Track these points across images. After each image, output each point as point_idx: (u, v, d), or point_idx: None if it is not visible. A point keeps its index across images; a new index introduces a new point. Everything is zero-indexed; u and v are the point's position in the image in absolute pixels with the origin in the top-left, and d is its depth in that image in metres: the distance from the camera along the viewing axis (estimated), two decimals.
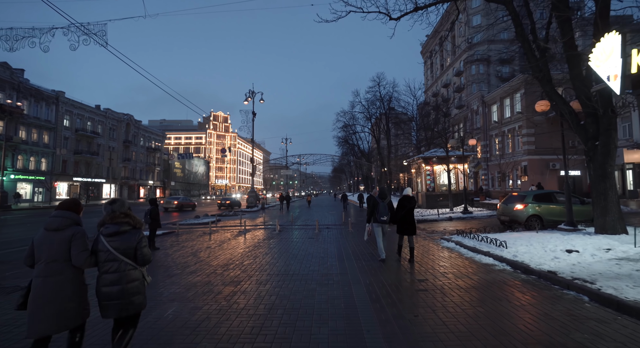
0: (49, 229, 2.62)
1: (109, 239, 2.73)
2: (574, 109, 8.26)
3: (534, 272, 5.34)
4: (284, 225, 15.20)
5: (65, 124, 46.74)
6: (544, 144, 29.04)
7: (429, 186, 19.53)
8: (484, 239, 7.84)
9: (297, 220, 17.90)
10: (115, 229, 2.75)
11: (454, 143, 17.53)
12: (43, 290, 2.50)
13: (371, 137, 59.79)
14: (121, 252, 2.72)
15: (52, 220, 2.65)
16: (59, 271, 2.56)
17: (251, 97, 29.89)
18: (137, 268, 2.79)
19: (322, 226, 14.05)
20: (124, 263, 2.71)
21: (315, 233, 11.81)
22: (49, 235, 2.61)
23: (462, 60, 56.79)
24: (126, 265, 2.72)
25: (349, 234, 11.51)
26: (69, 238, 2.60)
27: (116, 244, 2.72)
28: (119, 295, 2.67)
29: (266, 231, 12.81)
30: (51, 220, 2.65)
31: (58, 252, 2.57)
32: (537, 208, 10.61)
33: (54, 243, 2.57)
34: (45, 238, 2.59)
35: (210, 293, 4.93)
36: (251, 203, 28.43)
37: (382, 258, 6.82)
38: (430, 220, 15.10)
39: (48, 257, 2.55)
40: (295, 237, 10.96)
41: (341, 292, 4.85)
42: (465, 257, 7.22)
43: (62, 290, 2.54)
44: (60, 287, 2.54)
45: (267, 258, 7.48)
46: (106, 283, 2.68)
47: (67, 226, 2.65)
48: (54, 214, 2.70)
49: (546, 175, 28.54)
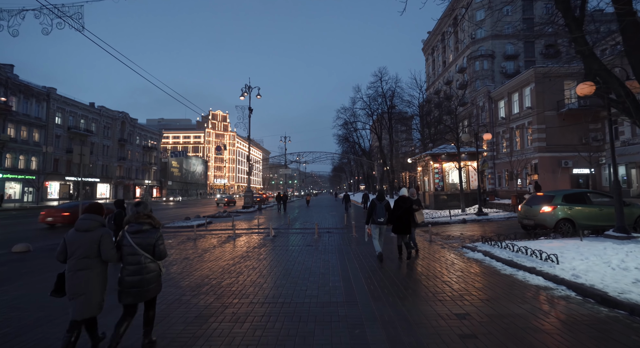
0: (79, 230, 3.02)
1: (133, 236, 3.12)
2: (630, 90, 6.76)
3: (621, 305, 3.80)
4: (279, 228, 13.72)
5: (57, 122, 45.24)
6: (555, 140, 27.56)
7: (438, 185, 18.04)
8: (521, 250, 6.35)
9: (294, 222, 16.41)
10: (138, 228, 3.16)
11: (467, 138, 16.03)
12: (75, 281, 2.92)
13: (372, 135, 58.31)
14: (142, 248, 3.10)
15: (81, 223, 3.05)
16: (89, 266, 2.96)
17: (247, 92, 28.38)
18: (155, 261, 3.19)
19: (322, 230, 12.58)
20: (143, 257, 3.09)
21: (314, 240, 10.33)
22: (80, 235, 3.00)
23: (465, 56, 55.29)
24: (145, 259, 3.11)
25: (352, 240, 10.03)
26: (98, 239, 3.01)
27: (138, 240, 3.11)
28: (139, 283, 3.06)
29: (259, 236, 11.33)
30: (81, 223, 3.05)
31: (89, 249, 2.98)
32: (568, 211, 9.08)
33: (85, 242, 2.98)
34: (77, 237, 2.99)
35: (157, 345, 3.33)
36: (247, 203, 26.94)
37: (378, 253, 7.00)
38: (441, 222, 13.62)
39: (80, 254, 2.95)
40: (291, 244, 9.48)
41: (350, 340, 3.36)
42: (502, 273, 5.73)
43: (90, 282, 2.96)
44: (88, 280, 2.95)
45: (253, 276, 5.99)
46: (129, 273, 3.07)
47: (95, 227, 3.06)
48: (82, 217, 3.10)
49: (558, 173, 27.06)
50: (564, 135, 27.16)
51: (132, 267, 3.07)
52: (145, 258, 3.10)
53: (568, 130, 26.88)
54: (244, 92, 28.07)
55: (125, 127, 59.25)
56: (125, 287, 3.06)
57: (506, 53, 54.01)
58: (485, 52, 54.42)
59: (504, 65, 52.86)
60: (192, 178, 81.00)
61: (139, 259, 3.08)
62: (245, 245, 9.52)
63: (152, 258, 3.14)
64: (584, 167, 26.74)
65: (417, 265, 6.56)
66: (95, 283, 3.00)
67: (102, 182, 53.54)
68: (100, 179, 52.88)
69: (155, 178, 68.47)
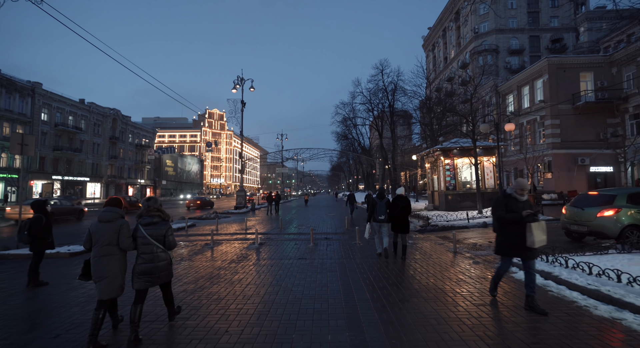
0: (102, 221, 3.42)
1: (145, 228, 3.52)
2: None
3: None
4: (270, 233, 11.73)
5: (43, 118, 43.09)
6: (570, 136, 25.62)
7: (449, 184, 16.08)
8: (606, 273, 4.39)
9: (288, 226, 14.41)
10: (150, 220, 3.56)
11: (486, 128, 14.04)
12: (99, 266, 3.33)
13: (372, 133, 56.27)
14: (154, 238, 3.49)
15: (104, 214, 3.44)
16: (110, 252, 3.35)
17: (239, 85, 26.37)
18: (165, 251, 3.57)
19: (319, 236, 10.60)
20: (155, 247, 3.48)
21: (309, 249, 8.36)
22: (102, 225, 3.40)
23: (468, 51, 53.48)
24: (157, 248, 3.49)
25: (356, 250, 8.06)
26: (117, 228, 3.40)
27: (150, 232, 3.51)
28: (152, 271, 3.44)
29: (242, 244, 9.33)
30: (104, 214, 3.44)
31: (110, 238, 3.37)
32: (637, 215, 7.11)
33: (106, 231, 3.37)
34: (100, 227, 3.39)
35: None
36: (239, 204, 24.92)
37: (378, 253, 7.19)
38: (459, 227, 11.66)
39: (103, 242, 3.34)
40: (279, 257, 7.50)
41: None
42: (597, 315, 3.74)
43: (112, 267, 3.35)
44: (110, 265, 3.34)
45: (212, 317, 4.01)
46: (143, 261, 3.46)
47: (116, 219, 3.45)
48: (104, 209, 3.49)
49: (574, 171, 25.16)
50: (580, 131, 25.23)
51: (145, 256, 3.46)
52: (157, 248, 3.48)
53: (584, 125, 24.99)
54: (236, 84, 26.06)
55: (117, 124, 57.17)
56: (139, 273, 3.43)
57: (511, 48, 52.23)
58: (489, 47, 52.56)
59: (508, 61, 51.10)
60: (187, 178, 78.93)
61: (151, 249, 3.47)
62: (222, 257, 7.53)
63: (162, 248, 3.52)
64: (603, 164, 24.91)
65: (464, 301, 4.59)
66: (116, 268, 3.37)
67: (92, 181, 51.48)
68: (90, 178, 50.83)
69: (149, 178, 66.37)
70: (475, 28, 53.34)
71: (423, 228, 11.82)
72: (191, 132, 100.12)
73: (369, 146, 56.86)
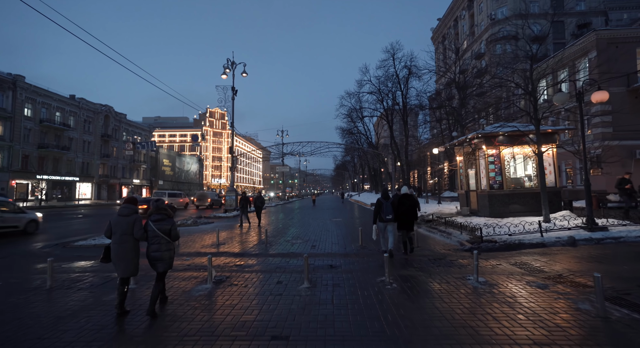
0: (121, 215, 4.23)
1: (154, 223, 4.26)
2: None
3: None
4: (245, 255, 7.93)
5: (27, 114, 39.91)
6: (625, 125, 21.45)
7: (494, 181, 12.12)
8: None
9: (278, 238, 10.56)
10: (158, 217, 4.31)
11: (563, 100, 9.82)
12: (118, 251, 4.15)
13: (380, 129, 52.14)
14: (161, 232, 4.23)
15: (123, 210, 4.27)
16: (127, 241, 4.16)
17: (230, 69, 22.62)
18: (171, 242, 4.31)
19: (320, 261, 6.78)
20: (163, 238, 4.22)
21: (299, 298, 4.54)
22: (121, 219, 4.21)
23: (483, 40, 49.16)
24: (164, 239, 4.22)
25: (384, 301, 4.20)
26: (132, 222, 4.20)
27: (158, 226, 4.25)
28: (160, 258, 4.21)
29: (191, 283, 5.54)
30: (122, 209, 4.27)
31: (127, 229, 4.17)
32: None
33: (124, 224, 4.18)
34: (119, 220, 4.20)
35: None
36: (229, 206, 21.15)
37: (383, 250, 7.35)
38: (529, 243, 7.73)
39: (121, 232, 4.16)
40: (237, 326, 3.67)
41: None
42: None
43: (128, 252, 4.17)
44: (126, 251, 4.16)
45: None
46: (153, 250, 4.22)
47: (131, 214, 4.26)
48: (123, 206, 4.35)
49: (630, 166, 20.94)
50: (637, 118, 21.06)
51: (154, 246, 4.21)
52: (163, 240, 4.22)
53: None
54: (225, 68, 22.30)
55: (110, 121, 54.05)
56: (152, 260, 4.22)
57: (531, 34, 47.78)
58: (508, 33, 48.01)
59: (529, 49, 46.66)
60: (186, 178, 75.68)
61: (159, 240, 4.21)
62: (129, 321, 3.74)
63: (168, 239, 4.25)
64: None
65: None
66: (131, 253, 4.20)
67: (82, 181, 48.35)
68: (80, 178, 47.69)
69: (145, 178, 63.23)
70: (492, 14, 49.14)
71: (473, 245, 7.89)
72: (192, 132, 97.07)
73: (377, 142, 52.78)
